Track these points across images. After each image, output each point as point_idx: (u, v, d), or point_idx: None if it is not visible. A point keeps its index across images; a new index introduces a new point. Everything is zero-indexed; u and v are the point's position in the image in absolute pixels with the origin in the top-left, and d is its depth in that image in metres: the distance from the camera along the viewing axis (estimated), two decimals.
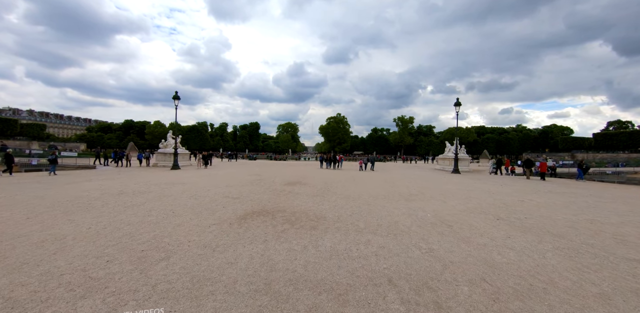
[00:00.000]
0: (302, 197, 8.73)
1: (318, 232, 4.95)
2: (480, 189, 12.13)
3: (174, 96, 23.02)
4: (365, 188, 11.16)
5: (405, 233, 5.06)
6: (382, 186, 12.19)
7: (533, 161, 23.09)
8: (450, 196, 9.87)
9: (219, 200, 7.96)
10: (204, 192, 9.57)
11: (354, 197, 8.93)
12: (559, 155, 77.14)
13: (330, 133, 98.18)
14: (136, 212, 6.44)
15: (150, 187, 10.70)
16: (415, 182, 14.54)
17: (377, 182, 13.64)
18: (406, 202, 8.43)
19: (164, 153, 26.16)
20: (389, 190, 10.83)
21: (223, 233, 4.80)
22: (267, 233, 4.82)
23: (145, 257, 3.71)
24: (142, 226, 5.22)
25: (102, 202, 7.69)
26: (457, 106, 23.50)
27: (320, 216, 6.14)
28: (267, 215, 6.12)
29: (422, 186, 12.62)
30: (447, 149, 29.76)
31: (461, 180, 16.12)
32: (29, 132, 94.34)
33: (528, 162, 20.89)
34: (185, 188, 10.30)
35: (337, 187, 11.48)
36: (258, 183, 12.05)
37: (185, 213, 6.25)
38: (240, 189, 10.27)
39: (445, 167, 28.19)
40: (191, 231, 4.90)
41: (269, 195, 8.98)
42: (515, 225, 5.98)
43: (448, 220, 6.17)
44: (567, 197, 10.48)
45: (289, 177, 15.24)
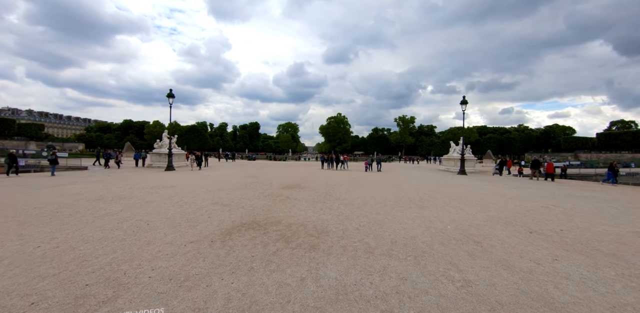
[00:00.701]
0: (301, 204, 7.75)
1: (319, 253, 3.97)
2: (494, 193, 11.14)
3: (169, 94, 22.09)
4: (371, 193, 10.17)
5: (427, 254, 4.08)
6: (389, 189, 11.21)
7: (540, 162, 22.34)
8: (465, 201, 8.88)
9: (206, 208, 6.98)
10: (191, 197, 8.59)
11: (360, 204, 7.95)
12: (561, 155, 76.15)
13: (330, 133, 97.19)
14: (105, 223, 5.46)
15: (135, 191, 9.73)
16: (423, 184, 13.55)
17: (383, 185, 12.66)
18: (419, 209, 7.44)
19: (158, 153, 25.18)
20: (397, 195, 9.84)
21: (199, 256, 3.82)
22: (255, 256, 3.83)
23: (86, 297, 2.74)
24: (103, 245, 4.24)
25: (72, 210, 6.72)
26: (464, 104, 22.52)
27: (321, 230, 5.16)
28: (258, 229, 5.13)
29: (431, 189, 11.62)
30: (452, 149, 28.75)
31: (470, 182, 15.13)
32: (26, 132, 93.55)
33: (535, 163, 20.25)
34: (172, 193, 9.32)
35: (339, 191, 10.49)
36: (253, 187, 11.07)
37: (161, 226, 5.27)
38: (233, 194, 9.28)
39: (450, 167, 27.19)
40: (160, 252, 3.92)
41: (263, 202, 7.99)
42: (554, 241, 5.00)
43: (473, 235, 5.19)
44: (591, 202, 9.50)
45: (288, 179, 14.26)
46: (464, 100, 22.48)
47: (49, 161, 15.98)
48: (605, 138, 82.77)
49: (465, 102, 22.47)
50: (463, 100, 22.51)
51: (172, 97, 22.08)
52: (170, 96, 22.04)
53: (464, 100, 22.50)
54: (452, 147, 28.82)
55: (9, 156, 14.81)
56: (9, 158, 14.68)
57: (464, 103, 22.49)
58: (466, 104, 22.52)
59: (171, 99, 22.09)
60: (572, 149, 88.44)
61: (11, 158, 14.59)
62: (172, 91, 22.30)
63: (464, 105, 22.53)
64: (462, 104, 22.58)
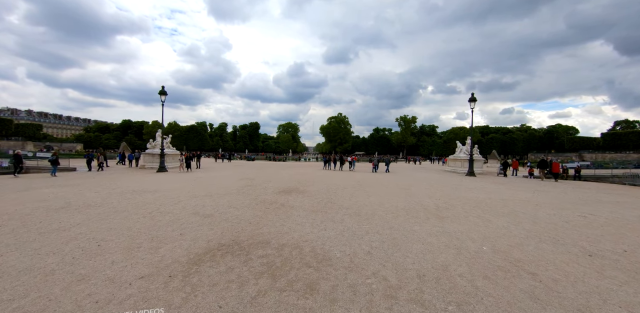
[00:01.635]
0: (298, 215, 6.52)
1: (319, 300, 2.74)
2: (515, 198, 9.91)
3: (160, 91, 20.92)
4: (379, 198, 8.94)
5: (474, 299, 2.85)
6: (398, 194, 9.98)
7: (548, 162, 21.29)
8: (489, 210, 7.65)
9: (182, 220, 5.76)
10: (170, 205, 7.38)
11: (368, 214, 6.72)
12: (565, 156, 74.87)
13: (331, 133, 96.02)
14: (45, 244, 4.25)
15: (110, 197, 8.52)
16: (434, 188, 12.31)
17: (390, 189, 11.43)
18: (439, 221, 6.21)
19: (151, 154, 24.01)
20: (409, 201, 8.61)
21: (143, 304, 2.61)
22: (224, 306, 2.61)
23: None
24: (18, 282, 3.03)
25: (20, 222, 5.52)
26: (472, 102, 21.29)
27: (322, 256, 3.92)
28: (239, 255, 3.90)
29: (445, 194, 10.38)
30: (458, 149, 27.51)
31: (483, 185, 13.89)
32: (24, 132, 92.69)
33: (543, 163, 19.75)
34: (151, 200, 8.11)
35: (342, 196, 9.27)
36: (245, 192, 9.85)
37: (114, 249, 4.06)
38: (220, 201, 8.07)
39: (456, 168, 25.95)
40: (88, 299, 2.70)
41: (253, 212, 6.77)
42: (627, 268, 3.78)
43: (521, 261, 3.96)
44: (629, 209, 8.27)
45: (286, 182, 13.05)
46: (473, 98, 21.26)
47: (50, 162, 16.07)
48: (610, 138, 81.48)
49: (474, 99, 21.25)
50: (472, 98, 21.28)
51: (164, 94, 20.91)
52: (162, 93, 20.87)
53: (472, 97, 21.28)
54: (459, 147, 27.58)
55: (15, 157, 15.87)
56: (14, 159, 15.74)
57: (473, 100, 21.27)
58: (475, 101, 21.30)
59: (163, 97, 20.93)
60: (576, 149, 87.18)
61: (16, 159, 15.49)
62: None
63: (473, 103, 21.30)
64: (471, 102, 21.35)
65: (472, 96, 21.31)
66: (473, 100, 21.28)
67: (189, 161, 20.22)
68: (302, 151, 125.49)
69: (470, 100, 21.36)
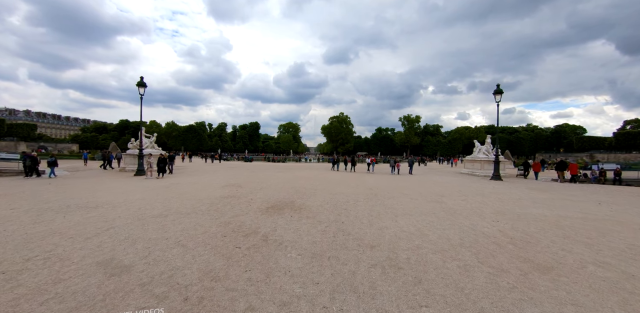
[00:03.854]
0: (287, 268, 3.64)
1: None
2: (594, 216, 7.03)
3: (139, 83, 18.20)
4: (412, 221, 6.07)
5: None
6: (433, 211, 7.13)
7: (567, 163, 19.13)
8: (596, 244, 4.79)
9: (58, 290, 2.97)
10: (82, 241, 4.56)
11: (412, 263, 3.83)
12: (575, 156, 71.73)
13: (333, 133, 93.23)
14: None
15: (20, 217, 5.74)
16: (472, 199, 9.42)
17: (418, 202, 8.55)
18: (542, 275, 3.37)
19: (132, 154, 21.28)
20: (459, 226, 5.73)
21: None
22: None
23: None
24: None
25: None
26: (498, 95, 18.44)
27: None
28: None
29: (496, 210, 7.49)
30: (477, 149, 24.62)
31: (526, 194, 11.03)
32: (18, 133, 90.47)
33: (562, 165, 18.58)
34: (68, 226, 5.30)
35: (358, 217, 6.40)
36: (221, 208, 7.02)
37: None
38: (170, 229, 5.21)
39: (475, 171, 23.05)
40: None
41: (208, 258, 3.85)
42: None
43: None
44: None
45: (280, 191, 10.24)
46: (499, 90, 18.41)
47: (48, 163, 15.59)
48: (623, 137, 78.39)
49: (500, 91, 18.41)
50: (497, 90, 18.43)
51: (142, 86, 18.17)
52: (140, 85, 18.13)
53: (498, 89, 18.43)
54: (477, 147, 24.70)
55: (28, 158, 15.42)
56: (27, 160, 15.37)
57: (499, 93, 18.41)
58: (501, 93, 18.45)
59: (142, 89, 18.18)
60: (585, 149, 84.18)
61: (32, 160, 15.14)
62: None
63: (499, 96, 18.44)
64: (496, 94, 18.49)
65: (498, 88, 18.46)
66: (499, 93, 18.42)
67: (161, 165, 15.74)
68: (303, 151, 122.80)
69: (496, 92, 18.49)
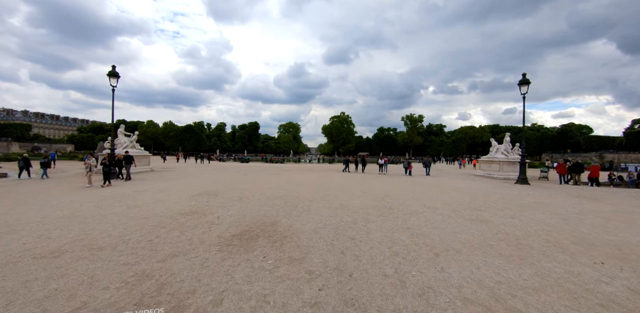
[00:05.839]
0: None
1: None
2: None
3: (110, 72, 15.81)
4: (467, 265, 3.61)
5: None
6: (485, 239, 4.67)
7: (582, 165, 17.41)
8: None
9: None
10: None
11: None
12: (584, 156, 69.01)
13: (334, 133, 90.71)
14: None
15: None
16: (523, 214, 6.99)
17: (456, 222, 6.12)
18: None
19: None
20: (567, 289, 3.29)
21: None
22: None
23: None
24: None
25: None
26: (524, 85, 15.95)
27: None
28: None
29: (579, 235, 5.06)
30: (494, 148, 22.08)
31: (585, 206, 8.54)
32: (12, 133, 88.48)
33: (578, 167, 17.01)
34: None
35: (373, 255, 3.90)
36: (161, 237, 4.58)
37: None
38: (35, 293, 2.82)
39: (492, 173, 20.54)
40: None
41: None
42: None
43: None
44: None
45: (265, 202, 7.80)
46: (525, 80, 15.93)
47: (41, 164, 15.10)
48: (634, 137, 75.62)
49: (527, 81, 15.92)
50: (523, 80, 15.95)
51: (114, 76, 15.79)
52: (112, 75, 15.75)
53: (524, 79, 15.95)
54: (494, 146, 22.15)
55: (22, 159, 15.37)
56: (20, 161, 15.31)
57: (525, 83, 15.92)
58: (527, 84, 15.96)
59: (113, 80, 15.81)
60: (594, 149, 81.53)
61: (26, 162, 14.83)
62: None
63: (525, 87, 15.95)
64: (521, 85, 16.01)
65: (524, 78, 15.98)
66: (525, 83, 15.93)
67: (108, 169, 11.63)
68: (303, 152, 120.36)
69: (522, 83, 16.01)
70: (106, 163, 11.74)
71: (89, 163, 11.64)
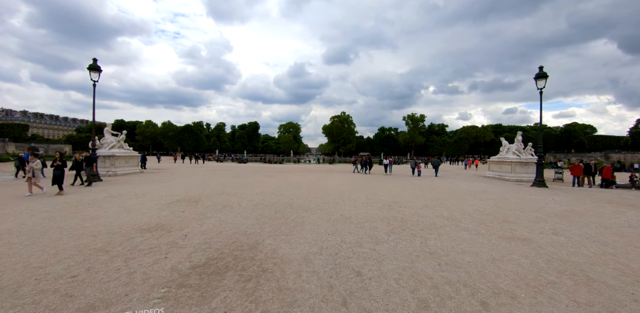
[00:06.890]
0: None
1: None
2: None
3: (91, 66, 14.56)
4: None
5: None
6: (546, 277, 3.41)
7: (592, 166, 16.69)
8: None
9: None
10: None
11: None
12: (588, 156, 67.58)
13: (334, 133, 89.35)
14: None
15: None
16: (569, 229, 5.71)
17: (490, 243, 4.84)
18: None
19: None
20: None
21: None
22: None
23: None
24: None
25: None
26: (541, 79, 14.63)
27: None
28: None
29: None
30: (504, 148, 20.75)
31: (626, 214, 7.27)
32: (9, 133, 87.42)
33: (588, 168, 16.16)
34: None
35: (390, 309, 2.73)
36: (95, 271, 3.33)
37: None
38: None
39: (503, 174, 19.22)
40: None
41: None
42: None
43: None
44: None
45: (250, 213, 6.53)
46: (542, 73, 14.62)
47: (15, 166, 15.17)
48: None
49: (544, 75, 14.61)
50: (540, 73, 14.63)
51: (95, 69, 14.54)
52: (92, 69, 14.49)
53: (541, 72, 14.64)
54: (505, 146, 20.82)
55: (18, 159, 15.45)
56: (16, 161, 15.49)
57: (542, 77, 14.61)
58: (545, 78, 14.65)
59: (94, 74, 14.54)
60: (598, 149, 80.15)
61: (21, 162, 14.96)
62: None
63: (543, 81, 14.64)
64: (539, 79, 14.69)
65: (541, 71, 14.67)
66: (543, 77, 14.62)
67: (59, 172, 9.60)
68: (304, 152, 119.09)
69: (539, 76, 14.69)
70: (59, 164, 9.63)
71: (31, 166, 9.12)
